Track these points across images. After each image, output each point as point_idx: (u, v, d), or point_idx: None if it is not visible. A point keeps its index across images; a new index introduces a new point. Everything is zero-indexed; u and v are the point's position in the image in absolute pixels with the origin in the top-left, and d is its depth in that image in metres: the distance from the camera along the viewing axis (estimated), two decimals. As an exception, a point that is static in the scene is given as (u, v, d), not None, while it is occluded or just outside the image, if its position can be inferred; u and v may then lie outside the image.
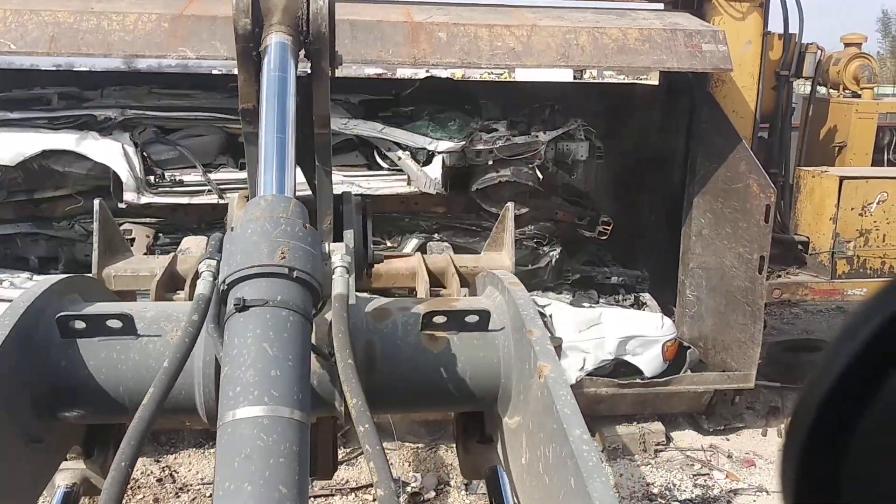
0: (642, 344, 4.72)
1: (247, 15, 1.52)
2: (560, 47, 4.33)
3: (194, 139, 4.63)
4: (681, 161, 5.37)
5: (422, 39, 4.26)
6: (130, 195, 4.39)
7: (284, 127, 1.45)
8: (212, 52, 4.06)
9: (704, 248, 4.98)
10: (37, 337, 1.30)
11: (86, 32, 4.00)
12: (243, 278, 1.08)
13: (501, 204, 4.87)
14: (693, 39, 4.48)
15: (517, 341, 1.37)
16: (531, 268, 4.84)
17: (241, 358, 1.00)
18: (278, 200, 1.21)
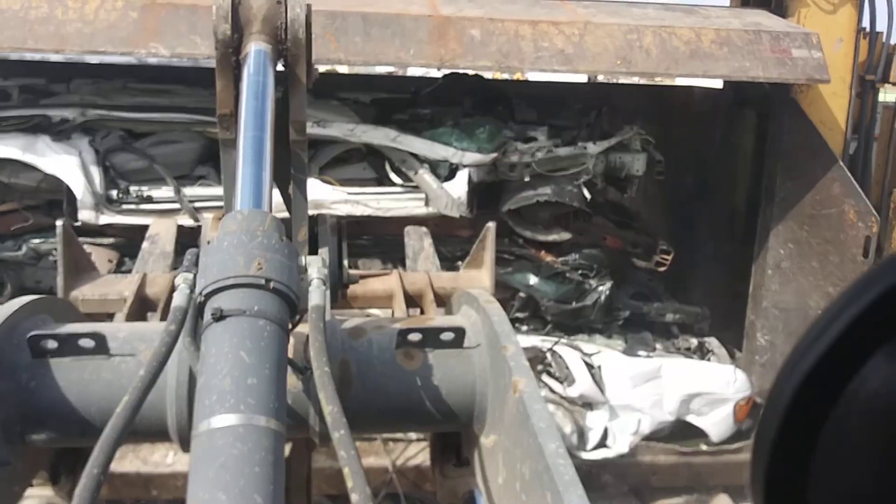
0: (709, 403, 3.91)
1: (226, 21, 1.55)
2: (620, 50, 3.59)
3: (168, 146, 3.82)
4: (748, 179, 4.57)
5: (450, 37, 3.54)
6: (86, 213, 3.59)
7: (263, 130, 1.46)
8: (190, 49, 3.34)
9: (783, 285, 4.16)
10: (6, 357, 1.28)
11: (34, 23, 3.28)
12: (220, 289, 1.08)
13: (538, 228, 4.14)
14: (781, 43, 3.74)
15: (492, 358, 1.38)
16: (575, 306, 4.02)
17: (218, 366, 1.00)
18: (254, 214, 1.22)
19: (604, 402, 3.78)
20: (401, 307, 1.97)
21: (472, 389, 1.39)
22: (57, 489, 1.46)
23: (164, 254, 2.31)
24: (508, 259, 4.10)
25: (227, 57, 1.57)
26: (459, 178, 3.91)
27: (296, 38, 1.58)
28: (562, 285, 4.05)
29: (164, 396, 1.27)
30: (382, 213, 3.86)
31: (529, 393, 1.20)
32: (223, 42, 1.56)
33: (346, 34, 3.44)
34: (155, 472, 3.64)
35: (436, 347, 1.38)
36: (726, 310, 4.56)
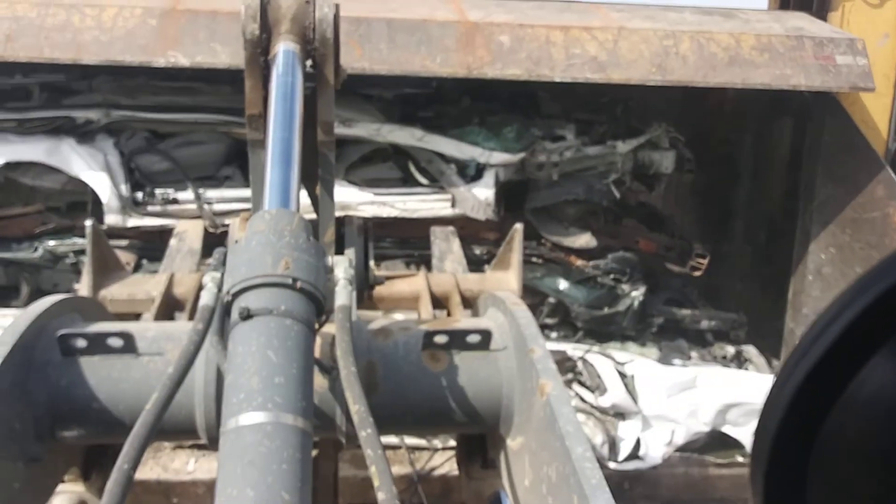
0: (746, 413, 3.76)
1: (255, 21, 1.56)
2: (656, 56, 3.47)
3: (193, 147, 3.77)
4: (785, 181, 4.41)
5: (478, 44, 3.45)
6: (113, 217, 3.56)
7: (291, 130, 1.46)
8: (210, 58, 3.27)
9: (824, 291, 4.01)
10: (37, 356, 1.31)
11: (51, 30, 3.24)
12: (247, 289, 1.10)
13: (566, 233, 4.02)
14: (825, 49, 3.61)
15: (519, 361, 1.37)
16: (607, 312, 3.90)
17: (246, 365, 1.02)
18: (282, 214, 1.23)
19: (637, 412, 3.65)
20: (427, 309, 1.96)
21: (498, 392, 1.39)
22: (88, 485, 1.49)
23: (191, 251, 2.32)
24: (537, 263, 3.99)
25: (256, 57, 1.58)
26: (487, 178, 3.82)
27: (324, 37, 1.59)
28: (593, 290, 3.93)
29: (192, 395, 1.29)
30: (408, 214, 3.77)
31: (557, 396, 1.20)
32: (252, 42, 1.56)
33: (371, 41, 3.37)
34: (175, 479, 3.59)
35: (462, 349, 1.39)
36: (764, 317, 4.41)
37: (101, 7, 3.30)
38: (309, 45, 1.60)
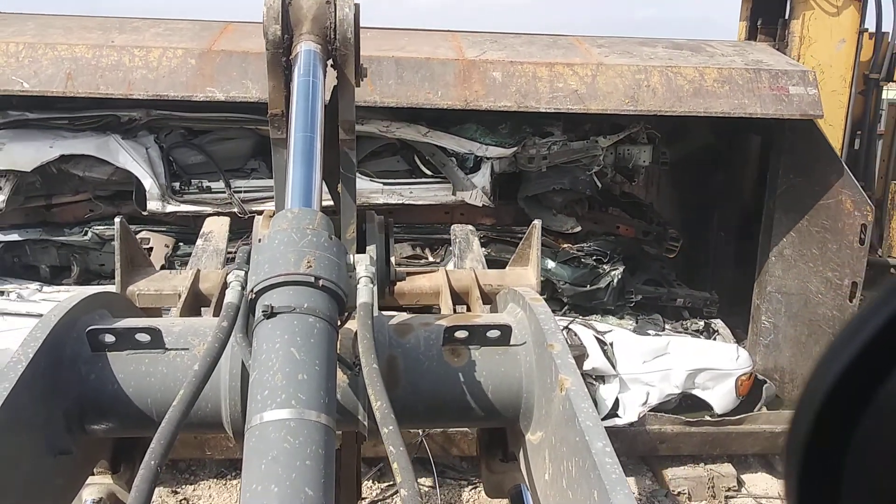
0: (714, 377, 4.22)
1: (277, 22, 1.56)
2: (629, 89, 3.86)
3: (224, 143, 4.24)
4: (756, 171, 4.85)
5: (474, 80, 3.82)
6: (154, 203, 4.03)
7: (313, 129, 1.48)
8: (242, 93, 3.67)
9: (785, 271, 4.45)
10: (67, 350, 1.33)
11: (105, 69, 3.66)
12: (271, 287, 1.11)
13: (554, 219, 4.47)
14: (779, 81, 3.99)
15: (539, 356, 1.38)
16: (590, 289, 4.37)
17: (270, 362, 1.02)
18: (304, 213, 1.24)
19: (615, 375, 4.12)
20: (447, 304, 1.97)
21: (518, 386, 1.39)
22: (116, 478, 1.52)
23: (217, 251, 2.36)
24: (528, 245, 4.45)
25: (278, 57, 1.60)
26: (483, 169, 4.28)
27: (345, 37, 1.60)
28: (577, 269, 4.40)
29: (218, 390, 1.31)
30: (414, 201, 4.24)
31: (576, 391, 1.20)
32: (273, 43, 1.58)
33: (381, 78, 3.73)
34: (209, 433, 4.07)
35: (482, 345, 1.40)
36: (734, 295, 4.87)
37: (147, 48, 3.68)
38: (330, 45, 1.62)
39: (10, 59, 3.60)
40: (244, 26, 4.12)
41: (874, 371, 0.48)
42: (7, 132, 3.98)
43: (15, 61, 3.60)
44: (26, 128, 4.00)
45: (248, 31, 4.02)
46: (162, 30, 3.94)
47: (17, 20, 4.03)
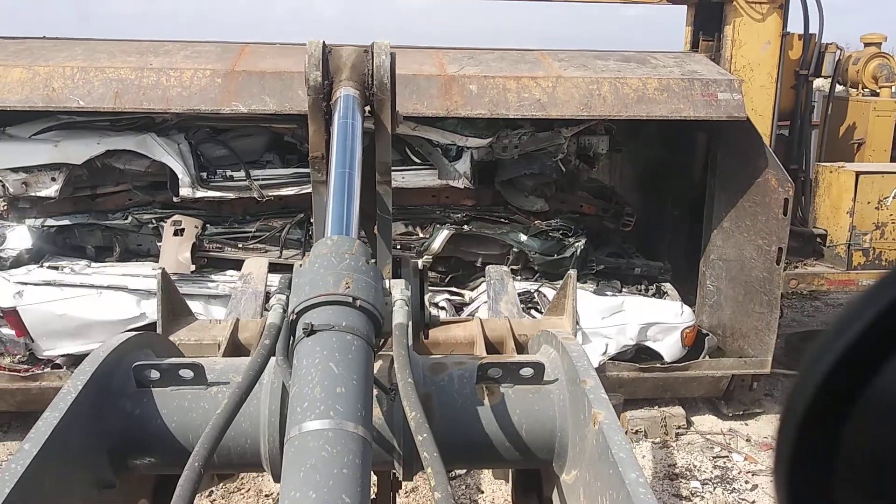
0: (662, 330, 4.95)
1: (318, 69, 1.64)
2: (583, 98, 4.54)
3: (244, 139, 4.96)
4: (702, 158, 5.57)
5: (454, 92, 4.49)
6: (186, 190, 4.74)
7: (352, 166, 1.53)
8: (261, 106, 4.32)
9: (725, 241, 5.18)
10: (113, 386, 1.37)
11: (147, 88, 4.30)
12: (311, 307, 1.15)
13: (526, 200, 5.20)
14: (709, 88, 4.67)
15: (572, 393, 1.39)
16: (557, 257, 5.10)
17: (309, 376, 1.06)
18: (343, 240, 1.30)
19: (578, 329, 4.84)
20: (482, 354, 1.96)
21: (552, 425, 1.40)
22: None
23: (255, 293, 2.35)
24: (504, 222, 5.20)
25: (319, 102, 1.65)
26: (464, 158, 5.01)
27: (381, 83, 1.67)
28: (546, 242, 5.13)
29: (257, 426, 1.32)
30: (406, 185, 4.96)
31: (609, 424, 1.21)
32: (314, 88, 1.63)
33: None
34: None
35: (515, 383, 1.41)
36: (686, 264, 5.60)
37: (181, 70, 4.34)
38: (367, 91, 1.67)
39: (68, 80, 4.30)
40: (257, 48, 4.85)
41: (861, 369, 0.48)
42: (61, 132, 4.70)
43: (71, 82, 4.28)
44: (76, 128, 4.72)
45: (261, 52, 4.74)
46: (190, 52, 4.65)
47: (67, 46, 4.73)
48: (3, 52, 4.54)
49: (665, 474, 4.63)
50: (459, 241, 5.16)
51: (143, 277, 4.73)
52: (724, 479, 4.57)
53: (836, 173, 5.24)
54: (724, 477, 4.59)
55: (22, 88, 4.26)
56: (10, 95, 4.25)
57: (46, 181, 4.75)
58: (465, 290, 5.10)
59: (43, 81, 4.27)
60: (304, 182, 4.88)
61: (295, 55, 4.69)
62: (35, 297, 4.60)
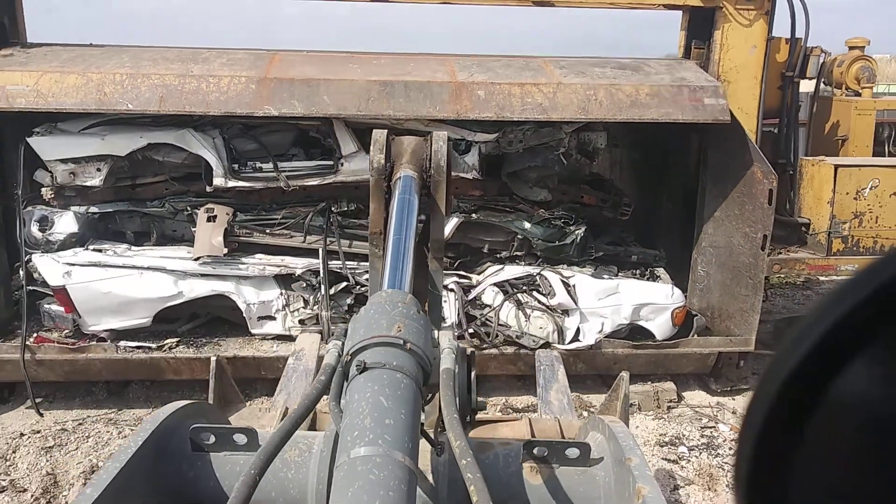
0: (654, 311, 5.37)
1: (381, 152, 1.82)
2: (581, 102, 4.97)
3: (272, 134, 5.42)
4: (695, 154, 5.99)
5: (464, 97, 4.92)
6: (219, 180, 5.20)
7: (407, 233, 1.63)
8: (290, 110, 4.80)
9: (715, 229, 5.60)
10: (170, 447, 1.42)
11: (188, 93, 4.77)
12: (364, 347, 1.21)
13: (530, 187, 5.63)
14: (696, 94, 5.09)
15: (617, 473, 1.40)
16: (558, 244, 5.52)
17: (360, 408, 1.10)
18: (396, 293, 1.39)
19: (576, 309, 5.27)
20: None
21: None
22: None
23: (306, 371, 2.34)
24: (509, 211, 5.63)
25: (381, 182, 1.77)
26: (473, 151, 5.44)
27: (438, 165, 1.81)
28: (548, 229, 5.56)
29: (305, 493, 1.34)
30: (418, 177, 5.40)
31: (653, 498, 1.21)
32: (378, 170, 1.76)
33: (394, 97, 4.88)
34: (264, 356, 5.25)
35: (561, 464, 1.42)
36: (679, 251, 6.02)
37: (219, 77, 4.81)
38: (425, 174, 1.79)
39: (117, 86, 4.76)
40: (286, 55, 5.30)
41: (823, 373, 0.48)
42: (106, 127, 5.17)
43: (121, 87, 4.75)
44: (121, 123, 5.19)
45: (290, 59, 5.20)
46: (225, 60, 5.11)
47: (115, 53, 5.19)
48: (58, 60, 5.01)
49: (656, 442, 5.05)
50: (468, 229, 5.59)
51: (179, 260, 5.19)
52: (709, 446, 4.98)
53: (817, 166, 5.65)
54: (709, 444, 5.00)
55: (77, 93, 4.73)
56: (67, 99, 4.73)
57: (92, 171, 5.22)
58: (472, 275, 5.53)
59: (95, 87, 4.74)
60: (327, 173, 5.34)
61: (320, 63, 5.15)
62: (82, 276, 5.08)
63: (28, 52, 5.24)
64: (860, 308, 0.46)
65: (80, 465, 4.64)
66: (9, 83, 4.78)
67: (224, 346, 5.24)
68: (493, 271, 5.46)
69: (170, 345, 5.18)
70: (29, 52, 5.22)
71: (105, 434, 4.98)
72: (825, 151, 6.23)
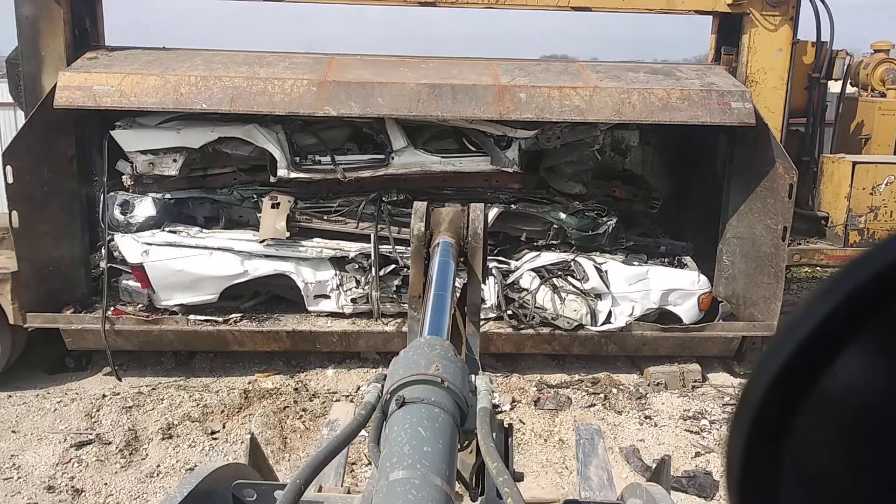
0: (681, 296, 5.75)
1: (421, 221, 1.92)
2: (616, 105, 5.36)
3: (330, 130, 5.94)
4: (723, 152, 6.34)
5: (506, 99, 5.35)
6: (282, 171, 5.73)
7: (445, 289, 1.69)
8: (347, 110, 5.30)
9: (739, 222, 5.95)
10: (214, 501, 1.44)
11: (256, 94, 5.28)
12: (403, 385, 1.25)
13: (566, 181, 6.06)
14: (724, 98, 5.46)
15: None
16: (591, 233, 5.94)
17: (399, 438, 1.12)
18: (435, 339, 1.44)
19: (608, 293, 5.68)
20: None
21: None
22: None
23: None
24: (546, 202, 6.06)
25: (420, 249, 1.85)
26: (513, 147, 5.89)
27: (475, 233, 1.88)
28: (582, 220, 5.97)
29: None
30: (463, 168, 5.87)
31: None
32: (418, 237, 1.83)
33: (442, 98, 5.35)
34: (320, 330, 5.76)
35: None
36: (706, 243, 6.37)
37: (283, 79, 5.30)
38: (462, 242, 1.86)
39: (192, 87, 5.31)
40: (342, 59, 5.81)
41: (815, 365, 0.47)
42: (182, 122, 5.73)
43: (196, 89, 5.29)
44: (194, 118, 5.74)
45: (346, 63, 5.69)
46: (288, 64, 5.62)
47: (188, 56, 5.74)
48: (138, 63, 5.57)
49: (680, 416, 5.43)
50: (507, 218, 6.03)
51: (245, 241, 5.73)
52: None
53: (836, 163, 5.97)
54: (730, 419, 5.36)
55: (156, 93, 5.28)
56: (147, 99, 5.29)
57: (168, 162, 5.79)
58: (511, 260, 5.97)
59: (173, 88, 5.29)
60: (378, 166, 5.84)
61: (373, 66, 5.64)
62: (158, 255, 5.64)
63: (110, 54, 5.81)
64: (847, 300, 0.46)
65: (157, 423, 5.19)
66: (96, 84, 5.35)
67: (283, 321, 5.76)
68: (530, 257, 5.88)
69: (234, 319, 5.72)
70: (111, 55, 5.79)
71: (177, 397, 5.53)
72: (850, 150, 6.54)
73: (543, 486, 4.62)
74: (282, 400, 5.49)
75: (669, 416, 5.46)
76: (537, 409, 5.47)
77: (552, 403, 5.50)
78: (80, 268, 5.98)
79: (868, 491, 0.47)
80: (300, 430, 5.16)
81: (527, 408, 5.49)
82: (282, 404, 5.42)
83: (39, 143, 5.45)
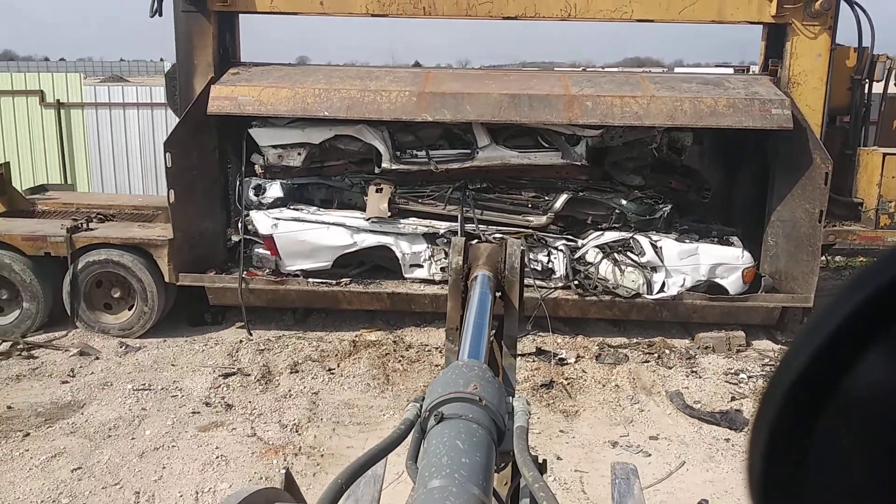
0: (727, 269, 6.59)
1: (460, 254, 1.98)
2: (669, 112, 6.32)
3: (425, 130, 7.11)
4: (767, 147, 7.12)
5: (575, 107, 6.38)
6: (386, 163, 6.94)
7: (483, 317, 1.74)
8: (441, 116, 6.45)
9: (782, 206, 6.74)
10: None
11: (367, 104, 6.47)
12: (442, 402, 1.29)
13: (627, 174, 7.01)
14: (766, 106, 6.32)
15: None
16: (648, 218, 6.86)
17: (437, 451, 1.17)
18: (474, 362, 1.49)
19: (662, 266, 6.58)
20: None
21: None
22: None
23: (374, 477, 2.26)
24: (609, 191, 7.02)
25: (458, 282, 1.93)
26: (581, 143, 6.90)
27: (512, 267, 1.94)
28: (640, 206, 6.90)
29: None
30: (537, 161, 6.91)
31: None
32: (456, 270, 1.90)
33: (520, 106, 6.42)
34: (414, 293, 6.90)
35: None
36: (753, 229, 7.17)
37: (389, 91, 6.48)
38: (500, 276, 1.93)
39: (316, 98, 6.56)
40: (437, 72, 6.98)
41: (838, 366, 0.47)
42: (305, 122, 7.01)
43: (319, 99, 6.54)
44: (315, 119, 7.01)
45: (440, 76, 6.85)
46: (392, 78, 6.81)
47: (311, 71, 7.01)
48: (272, 77, 6.87)
49: (723, 373, 6.26)
50: (575, 204, 7.02)
51: (354, 219, 6.94)
52: (767, 377, 6.13)
53: (870, 154, 6.70)
54: (767, 375, 6.16)
55: (287, 103, 6.57)
56: (281, 107, 6.58)
57: (294, 155, 7.09)
58: (578, 239, 6.95)
59: (301, 98, 6.56)
60: (465, 159, 6.95)
61: (463, 79, 6.76)
62: (285, 228, 6.92)
63: (249, 70, 7.16)
64: (871, 302, 0.46)
65: (284, 362, 6.42)
66: (240, 95, 6.68)
67: (384, 285, 6.93)
68: (595, 236, 6.85)
69: (345, 282, 6.93)
70: (250, 71, 7.13)
71: (299, 345, 6.76)
72: (892, 144, 7.22)
73: (599, 418, 5.57)
74: (383, 349, 6.64)
75: (713, 372, 6.30)
76: (598, 362, 6.41)
77: (611, 358, 6.44)
78: (219, 239, 7.34)
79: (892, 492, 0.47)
80: (399, 370, 6.28)
81: (589, 361, 6.44)
82: (384, 352, 6.57)
83: (190, 136, 6.78)
